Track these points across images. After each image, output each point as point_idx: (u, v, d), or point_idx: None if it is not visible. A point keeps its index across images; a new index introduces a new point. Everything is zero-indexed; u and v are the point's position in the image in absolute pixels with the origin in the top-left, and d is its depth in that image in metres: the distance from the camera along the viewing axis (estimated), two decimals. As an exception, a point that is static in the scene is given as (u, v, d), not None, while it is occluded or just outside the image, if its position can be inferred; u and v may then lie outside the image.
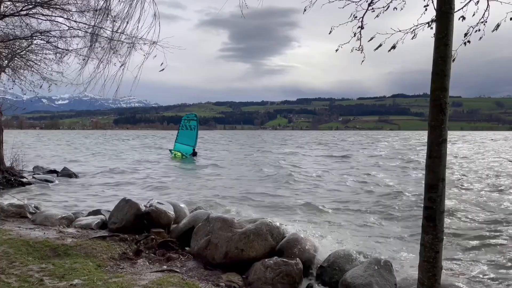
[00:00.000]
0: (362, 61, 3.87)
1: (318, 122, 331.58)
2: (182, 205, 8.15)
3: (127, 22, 5.13)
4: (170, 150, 30.80)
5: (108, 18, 5.94)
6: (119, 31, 5.65)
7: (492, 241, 7.96)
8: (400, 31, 3.42)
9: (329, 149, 42.79)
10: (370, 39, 3.40)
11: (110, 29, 6.03)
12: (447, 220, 9.05)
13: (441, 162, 2.74)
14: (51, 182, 15.51)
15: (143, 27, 5.20)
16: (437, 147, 2.74)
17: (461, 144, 54.15)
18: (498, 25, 3.32)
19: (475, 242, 7.85)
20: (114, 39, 5.90)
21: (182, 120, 31.52)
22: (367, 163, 26.34)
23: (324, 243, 6.80)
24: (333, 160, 28.77)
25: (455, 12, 3.33)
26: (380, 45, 3.53)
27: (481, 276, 5.97)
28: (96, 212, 8.12)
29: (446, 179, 2.75)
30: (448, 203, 12.00)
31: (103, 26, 6.21)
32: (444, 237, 2.89)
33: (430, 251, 2.77)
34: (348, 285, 4.71)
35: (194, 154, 30.38)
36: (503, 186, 15.38)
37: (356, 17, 3.41)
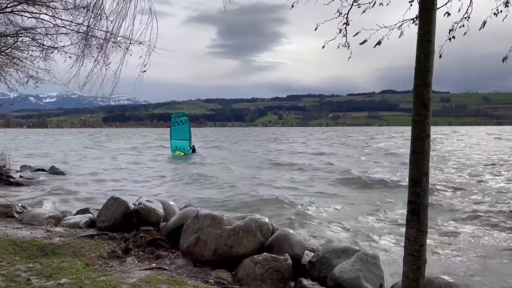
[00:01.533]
0: (349, 57, 3.89)
1: (308, 118, 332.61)
2: (172, 203, 8.12)
3: (120, 23, 5.05)
4: (173, 150, 30.96)
5: (100, 17, 5.84)
6: (111, 30, 5.57)
7: (473, 233, 8.12)
8: (385, 27, 3.45)
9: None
10: (355, 35, 3.42)
11: (103, 30, 5.93)
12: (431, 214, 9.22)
13: (425, 157, 2.78)
14: (39, 180, 15.36)
15: (139, 23, 5.09)
16: (420, 142, 2.77)
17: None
18: (484, 23, 3.36)
19: (456, 235, 8.01)
20: (107, 39, 5.82)
21: (172, 118, 31.76)
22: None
23: (313, 238, 6.88)
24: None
25: (439, 8, 3.37)
26: (365, 41, 3.55)
27: (464, 268, 6.09)
28: (85, 211, 8.06)
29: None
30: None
31: (95, 26, 6.12)
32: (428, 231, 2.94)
33: (415, 245, 2.81)
34: (336, 279, 4.75)
35: (193, 150, 30.65)
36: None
37: (341, 13, 3.43)
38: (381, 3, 3.39)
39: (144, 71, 5.10)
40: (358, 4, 3.38)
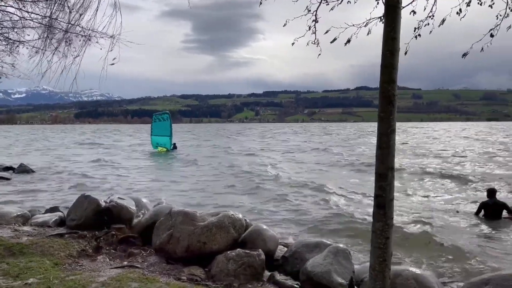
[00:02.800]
0: (319, 54, 3.92)
1: (285, 114, 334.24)
2: (145, 200, 8.04)
3: (81, 14, 4.93)
4: (154, 146, 30.84)
5: (63, 9, 5.69)
6: (74, 22, 5.43)
7: (437, 228, 8.41)
8: (353, 25, 3.50)
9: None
10: (326, 33, 3.46)
11: (65, 21, 5.77)
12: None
13: (390, 152, 2.84)
14: (7, 179, 14.89)
15: (103, 17, 4.98)
16: (386, 138, 2.84)
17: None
18: (443, 20, 3.45)
19: (421, 229, 8.27)
20: (69, 31, 5.66)
21: (154, 116, 31.80)
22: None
23: (286, 234, 6.94)
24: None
25: (405, 7, 3.44)
26: (335, 39, 3.59)
27: (431, 260, 6.29)
28: (54, 209, 7.88)
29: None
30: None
31: (58, 17, 5.95)
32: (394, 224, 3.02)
33: (381, 237, 2.88)
34: (308, 273, 4.82)
35: (174, 147, 30.54)
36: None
37: (310, 10, 3.46)
38: (348, 1, 3.43)
39: (113, 64, 5.00)
40: (327, 2, 3.41)
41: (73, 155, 28.41)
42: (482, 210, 9.14)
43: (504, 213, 8.93)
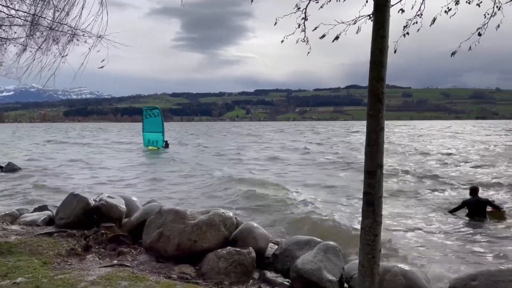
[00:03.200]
0: (308, 52, 3.93)
1: (276, 113, 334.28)
2: (135, 199, 7.99)
3: (68, 12, 4.87)
4: (146, 145, 30.71)
5: (49, 6, 5.61)
6: (60, 20, 5.36)
7: (424, 223, 8.51)
8: (342, 22, 3.51)
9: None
10: (314, 29, 3.46)
11: (50, 18, 5.69)
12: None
13: (379, 149, 2.86)
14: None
15: (89, 15, 4.93)
16: (375, 135, 2.86)
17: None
18: (434, 19, 3.48)
19: (409, 225, 8.36)
20: (54, 29, 5.59)
21: (144, 111, 31.43)
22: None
23: (277, 231, 6.96)
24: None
25: (394, 5, 3.47)
26: (324, 35, 3.59)
27: (417, 258, 6.36)
28: (43, 208, 7.80)
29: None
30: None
31: (44, 15, 5.86)
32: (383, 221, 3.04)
33: (370, 234, 2.90)
34: (298, 271, 4.83)
35: (166, 145, 30.32)
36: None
37: (299, 8, 3.47)
38: (337, -1, 3.44)
39: (102, 67, 4.96)
40: (316, 0, 3.42)
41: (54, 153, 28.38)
42: (466, 209, 9.17)
43: (488, 208, 9.01)
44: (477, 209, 8.95)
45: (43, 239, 5.80)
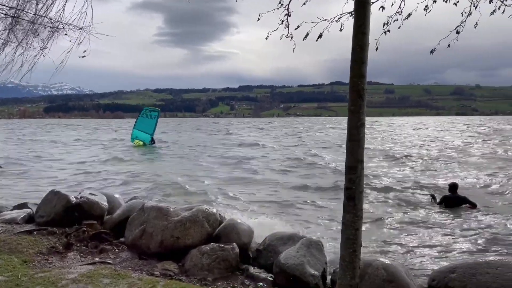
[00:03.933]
0: (294, 48, 3.94)
1: (260, 109, 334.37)
2: (117, 195, 7.92)
3: (50, 5, 4.77)
4: (132, 139, 30.65)
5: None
6: (42, 13, 5.25)
7: (406, 220, 8.66)
8: (325, 20, 3.53)
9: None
10: (296, 28, 3.48)
11: (33, 12, 5.56)
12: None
13: (360, 145, 2.90)
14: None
15: (73, 9, 4.83)
16: (355, 131, 2.89)
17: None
18: (409, 14, 3.54)
19: (391, 221, 8.50)
20: (36, 22, 5.47)
21: (144, 110, 31.57)
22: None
23: (260, 227, 6.95)
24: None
25: (374, 2, 3.51)
26: (307, 34, 3.62)
27: (399, 251, 6.48)
28: (22, 206, 7.64)
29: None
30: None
31: (25, 8, 5.73)
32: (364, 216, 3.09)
33: (351, 229, 2.95)
34: (281, 266, 4.86)
35: (153, 142, 30.36)
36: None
37: (282, 4, 3.48)
38: (319, -4, 3.46)
39: (83, 56, 4.88)
40: (298, -4, 3.44)
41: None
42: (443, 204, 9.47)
43: (466, 205, 9.31)
44: (455, 205, 9.23)
45: (23, 237, 5.70)
